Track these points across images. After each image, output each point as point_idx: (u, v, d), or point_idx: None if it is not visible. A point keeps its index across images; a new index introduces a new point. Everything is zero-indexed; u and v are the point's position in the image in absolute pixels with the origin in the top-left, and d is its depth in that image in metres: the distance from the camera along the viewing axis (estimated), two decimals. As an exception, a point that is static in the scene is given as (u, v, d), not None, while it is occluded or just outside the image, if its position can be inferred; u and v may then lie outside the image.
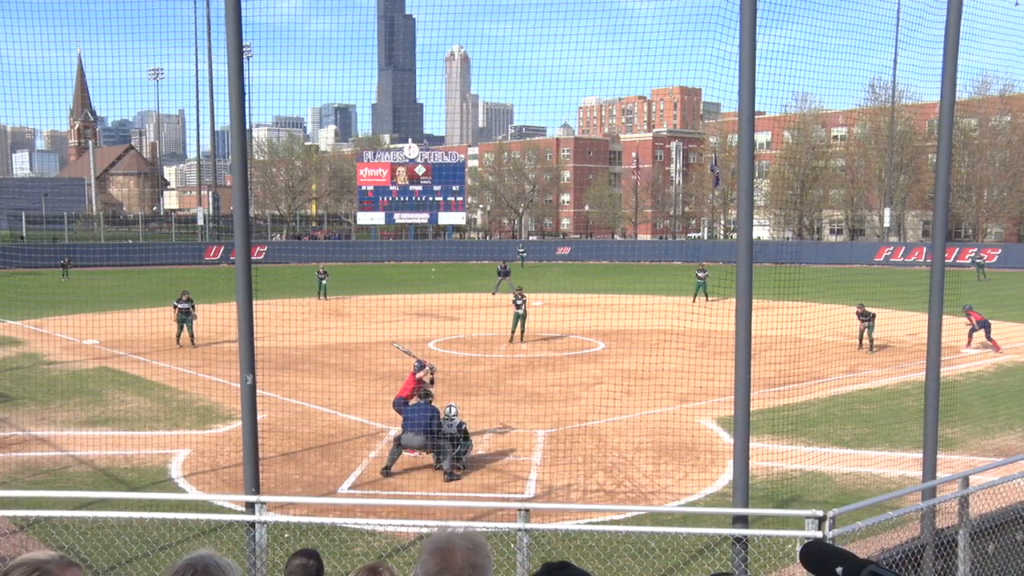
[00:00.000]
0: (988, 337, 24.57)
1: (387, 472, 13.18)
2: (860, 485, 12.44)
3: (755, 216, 9.62)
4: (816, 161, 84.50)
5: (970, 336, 24.77)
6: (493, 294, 39.80)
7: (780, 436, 14.82)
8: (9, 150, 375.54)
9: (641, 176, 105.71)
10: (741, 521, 7.65)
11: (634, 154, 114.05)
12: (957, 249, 57.08)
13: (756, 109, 7.74)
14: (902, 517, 8.30)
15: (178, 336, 25.92)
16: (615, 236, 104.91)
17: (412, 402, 13.75)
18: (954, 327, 22.05)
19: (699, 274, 37.86)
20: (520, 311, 25.81)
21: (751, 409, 7.86)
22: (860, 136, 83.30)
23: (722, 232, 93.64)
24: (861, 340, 25.21)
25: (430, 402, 13.70)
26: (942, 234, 8.74)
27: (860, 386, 19.94)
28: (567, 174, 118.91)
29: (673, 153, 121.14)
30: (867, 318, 25.06)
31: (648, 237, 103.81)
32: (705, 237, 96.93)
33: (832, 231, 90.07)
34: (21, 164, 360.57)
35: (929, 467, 8.77)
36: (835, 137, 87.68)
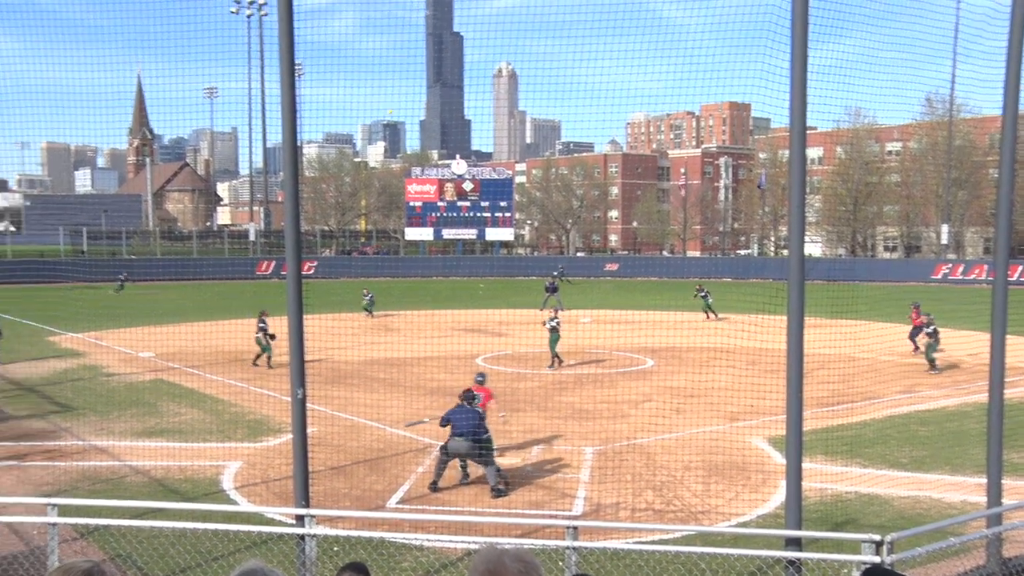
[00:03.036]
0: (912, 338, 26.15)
1: (435, 487, 13.20)
2: (919, 510, 12.12)
3: (807, 232, 9.52)
4: (870, 177, 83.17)
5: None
6: (540, 310, 39.83)
7: (834, 457, 14.56)
8: (72, 168, 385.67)
9: (690, 192, 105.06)
10: (794, 543, 7.53)
11: (682, 170, 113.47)
12: (1021, 267, 55.72)
13: (808, 124, 7.66)
14: (965, 544, 8.06)
15: (256, 358, 25.04)
16: (663, 252, 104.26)
17: (456, 408, 13.66)
18: (1018, 347, 21.54)
19: (699, 294, 38.19)
20: (556, 336, 25.37)
21: (804, 429, 7.74)
22: (916, 151, 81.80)
23: (772, 248, 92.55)
24: (925, 353, 24.32)
25: (473, 407, 13.65)
26: (1005, 251, 8.54)
27: (918, 407, 19.49)
28: (615, 190, 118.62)
29: (722, 169, 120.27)
30: (933, 333, 24.36)
31: (697, 254, 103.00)
32: (755, 253, 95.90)
33: (886, 248, 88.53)
34: (83, 181, 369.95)
35: (994, 492, 8.51)
36: (889, 152, 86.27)
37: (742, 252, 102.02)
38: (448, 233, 76.97)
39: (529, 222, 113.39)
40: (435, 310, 38.67)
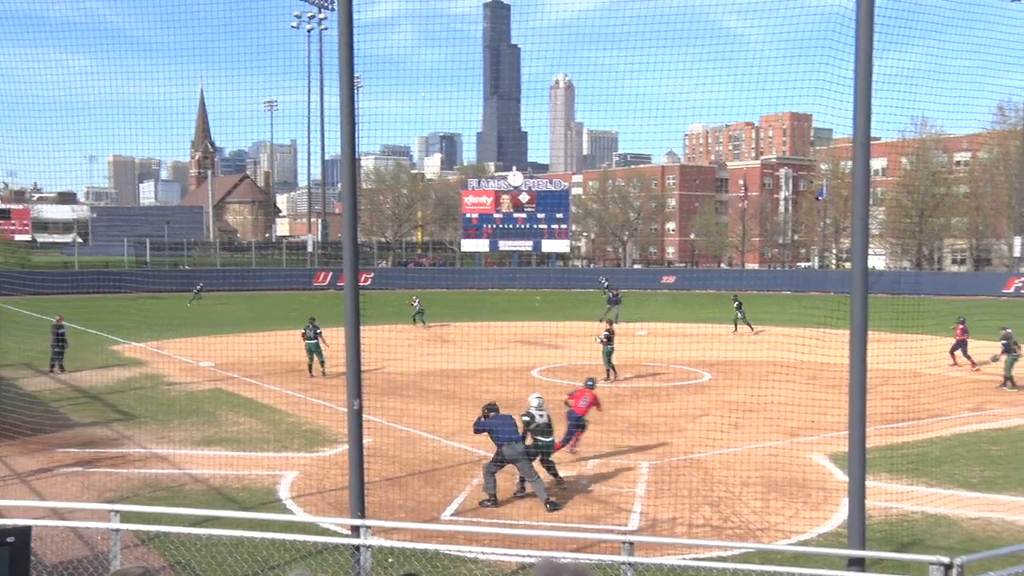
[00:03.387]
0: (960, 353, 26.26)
1: (495, 502, 13.11)
2: (991, 532, 11.75)
3: (870, 245, 9.35)
4: (937, 188, 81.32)
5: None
6: (601, 321, 39.74)
7: (899, 475, 14.22)
8: (137, 180, 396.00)
9: (749, 204, 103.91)
10: (857, 564, 7.37)
11: (741, 181, 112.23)
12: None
13: (872, 134, 7.53)
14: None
15: (310, 368, 25.40)
16: (721, 265, 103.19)
17: (493, 418, 13.56)
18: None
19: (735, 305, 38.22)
20: (610, 348, 25.24)
21: (867, 446, 7.58)
22: (986, 161, 79.77)
23: (834, 261, 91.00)
24: (1004, 369, 23.65)
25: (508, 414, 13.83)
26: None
27: (989, 425, 18.94)
28: (672, 202, 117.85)
29: (782, 180, 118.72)
30: (1012, 348, 23.68)
31: (756, 266, 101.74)
32: (816, 266, 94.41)
33: (954, 261, 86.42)
34: (146, 193, 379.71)
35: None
36: (958, 162, 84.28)
37: (802, 265, 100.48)
38: (504, 245, 77.17)
39: (585, 234, 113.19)
40: (490, 322, 38.76)
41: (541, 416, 13.99)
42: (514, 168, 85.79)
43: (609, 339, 25.10)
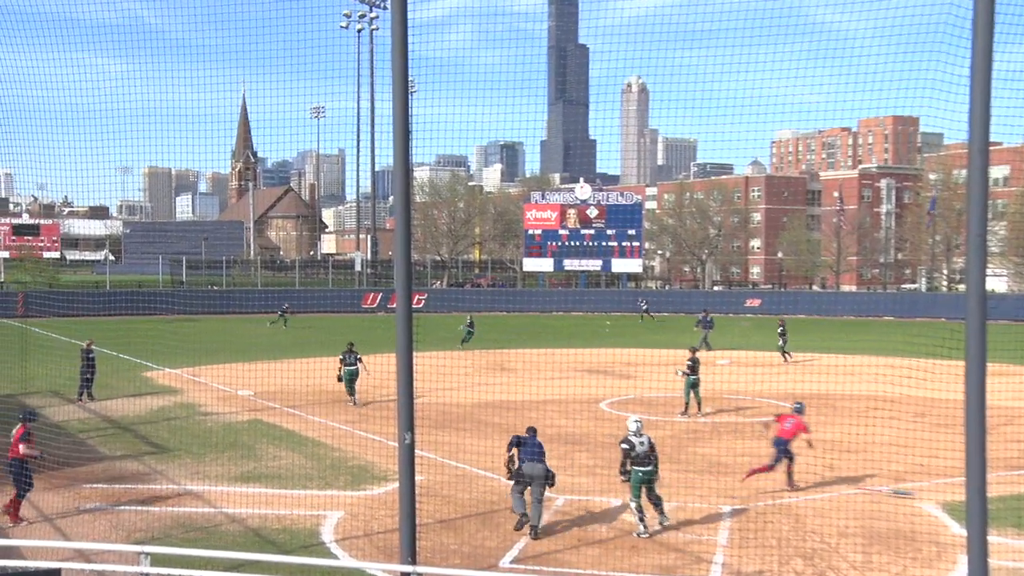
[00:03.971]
0: None
1: (535, 533, 13.61)
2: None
3: (989, 264, 9.06)
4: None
5: None
6: (696, 350, 39.65)
7: None
8: (173, 193, 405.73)
9: (845, 218, 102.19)
10: (975, 629, 7.09)
11: (836, 193, 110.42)
12: None
13: (991, 139, 7.32)
14: None
15: (350, 393, 26.05)
16: (813, 287, 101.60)
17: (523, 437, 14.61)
18: None
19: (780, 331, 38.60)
20: (694, 379, 24.96)
21: (988, 494, 7.31)
22: None
23: (945, 283, 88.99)
24: None
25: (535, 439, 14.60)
26: None
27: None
28: (757, 216, 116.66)
29: (883, 192, 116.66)
30: None
31: (853, 288, 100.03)
32: (923, 288, 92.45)
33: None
34: (183, 207, 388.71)
35: None
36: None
37: (907, 287, 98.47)
38: (570, 264, 77.17)
39: (660, 252, 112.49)
40: (555, 348, 38.65)
41: (641, 443, 14.10)
42: (581, 180, 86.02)
43: (693, 369, 24.81)
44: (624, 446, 14.19)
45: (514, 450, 14.42)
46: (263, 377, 26.55)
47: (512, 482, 14.33)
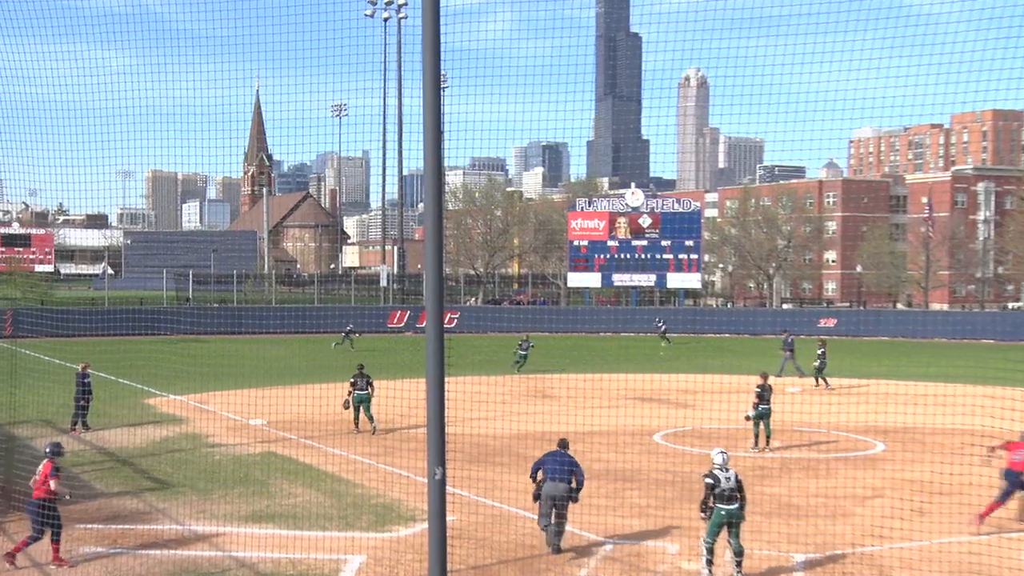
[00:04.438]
0: None
1: (557, 549, 14.88)
2: None
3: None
4: None
5: None
6: (780, 375, 39.67)
7: None
8: (179, 200, 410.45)
9: (935, 227, 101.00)
10: None
11: (925, 199, 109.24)
12: None
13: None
14: None
15: (356, 421, 26.79)
16: (898, 305, 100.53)
17: (547, 454, 15.91)
18: None
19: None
20: (764, 409, 24.73)
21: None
22: None
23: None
24: None
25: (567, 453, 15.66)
26: None
27: None
28: (833, 225, 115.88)
29: (980, 197, 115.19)
30: None
31: (944, 306, 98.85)
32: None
33: None
34: (191, 215, 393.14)
35: None
36: None
37: (1011, 305, 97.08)
38: (620, 279, 77.06)
39: (721, 266, 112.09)
40: (602, 373, 38.51)
41: (727, 478, 14.01)
42: (633, 185, 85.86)
43: (763, 396, 24.59)
44: (708, 480, 14.11)
45: (540, 473, 15.42)
46: (278, 404, 26.66)
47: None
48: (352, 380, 26.85)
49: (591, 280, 77.71)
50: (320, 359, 46.77)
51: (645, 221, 75.61)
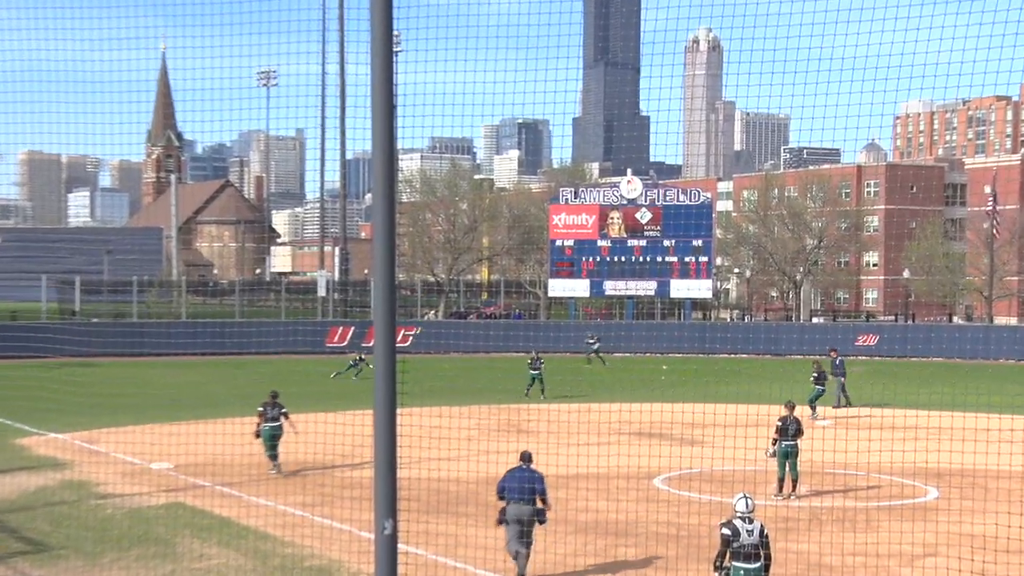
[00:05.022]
0: None
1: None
2: None
3: None
4: None
5: None
6: (836, 407, 40.02)
7: None
8: (64, 189, 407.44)
9: (1001, 223, 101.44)
10: None
11: (988, 188, 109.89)
12: None
13: None
14: None
15: (272, 458, 27.03)
16: (955, 319, 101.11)
17: (509, 472, 16.94)
18: None
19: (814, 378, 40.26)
20: (790, 445, 24.79)
21: None
22: None
23: None
24: None
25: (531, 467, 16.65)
26: None
27: None
28: (874, 221, 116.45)
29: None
30: None
31: (1012, 320, 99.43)
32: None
33: None
34: (78, 208, 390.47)
35: None
36: None
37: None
38: (613, 287, 77.18)
39: (737, 271, 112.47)
40: (591, 403, 38.52)
41: (750, 531, 13.78)
42: (629, 172, 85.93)
43: (785, 430, 24.64)
44: (725, 531, 13.81)
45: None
46: (188, 443, 26.49)
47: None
48: (260, 409, 26.93)
49: (578, 288, 77.78)
50: (242, 386, 46.48)
51: (644, 216, 75.82)
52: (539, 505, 16.76)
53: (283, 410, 26.99)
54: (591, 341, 63.06)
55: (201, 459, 26.89)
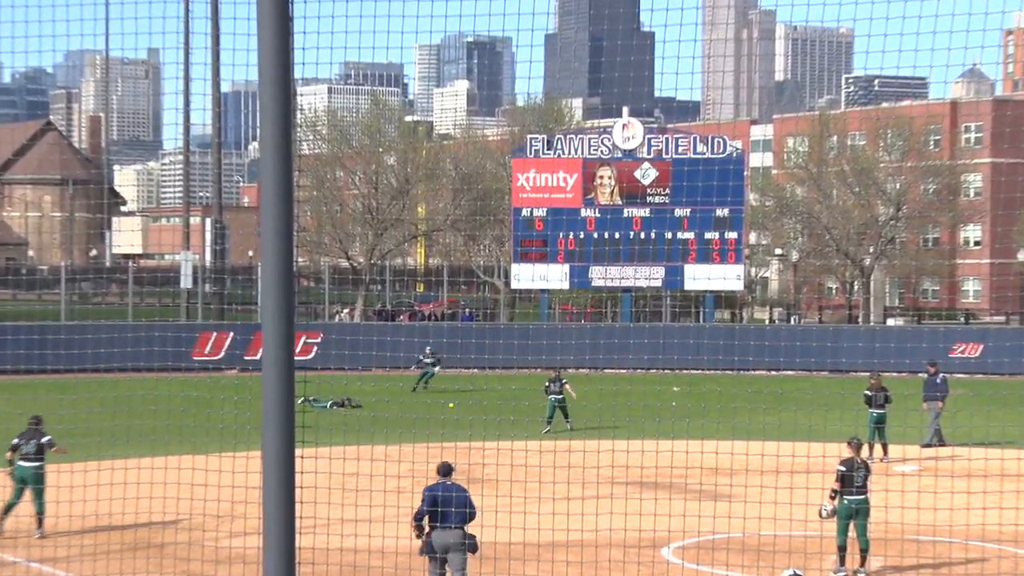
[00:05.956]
0: None
1: None
2: None
3: None
4: None
5: None
6: (925, 446, 40.57)
7: None
8: None
9: None
10: None
11: None
12: None
13: None
14: None
15: (7, 509, 27.00)
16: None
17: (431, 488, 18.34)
18: None
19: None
20: (856, 501, 25.02)
21: None
22: None
23: None
24: None
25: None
26: None
27: None
28: (976, 180, 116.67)
29: None
30: None
31: None
32: None
33: None
34: None
35: None
36: None
37: None
38: (603, 276, 77.09)
39: (780, 252, 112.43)
40: (571, 439, 38.63)
41: None
42: (626, 112, 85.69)
43: (849, 479, 24.86)
44: None
45: (425, 520, 17.66)
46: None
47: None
48: (14, 443, 26.78)
49: (552, 278, 77.52)
50: (70, 419, 46.34)
51: (647, 175, 75.85)
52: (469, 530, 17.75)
53: (50, 441, 26.72)
54: (425, 357, 62.27)
55: None
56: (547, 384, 47.37)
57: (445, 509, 17.76)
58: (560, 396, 46.69)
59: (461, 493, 18.28)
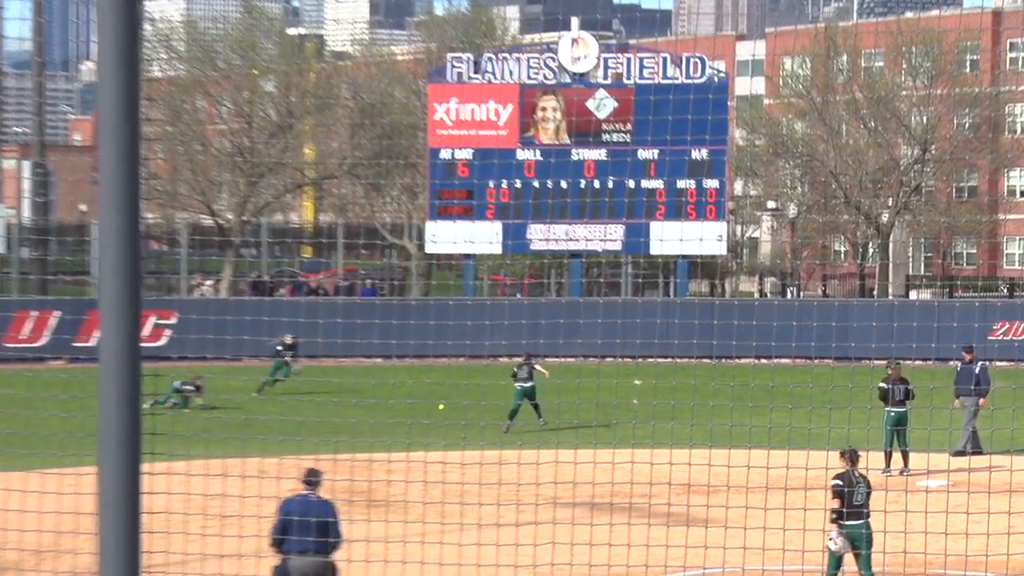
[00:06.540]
0: None
1: None
2: None
3: None
4: None
5: None
6: (955, 454, 41.04)
7: None
8: None
9: None
10: None
11: None
12: None
13: None
14: None
15: None
16: None
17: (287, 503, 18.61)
18: None
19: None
20: (854, 522, 25.32)
21: None
22: None
23: None
24: None
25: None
26: None
27: None
28: (1020, 112, 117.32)
29: None
30: None
31: None
32: None
33: None
34: None
35: None
36: None
37: None
38: (544, 235, 77.16)
39: (774, 206, 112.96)
40: (507, 448, 38.82)
41: None
42: (576, 23, 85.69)
43: (849, 496, 25.15)
44: None
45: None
46: None
47: None
48: None
49: (479, 238, 77.53)
50: None
51: (603, 106, 76.09)
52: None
53: None
54: (280, 345, 61.32)
55: None
56: (514, 370, 48.84)
57: (301, 530, 18.00)
58: (529, 383, 47.77)
59: (323, 509, 18.52)
